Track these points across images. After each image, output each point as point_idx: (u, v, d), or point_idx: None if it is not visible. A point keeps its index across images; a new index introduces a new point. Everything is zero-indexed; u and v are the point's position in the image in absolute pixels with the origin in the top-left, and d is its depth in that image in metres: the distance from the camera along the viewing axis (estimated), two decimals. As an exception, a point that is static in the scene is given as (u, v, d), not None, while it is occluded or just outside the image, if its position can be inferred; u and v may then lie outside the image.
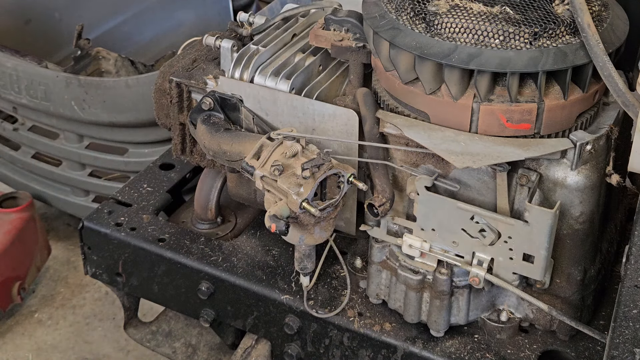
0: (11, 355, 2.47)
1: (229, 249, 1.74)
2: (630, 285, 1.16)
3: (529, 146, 1.34)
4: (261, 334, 1.70)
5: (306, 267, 1.54)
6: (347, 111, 1.48)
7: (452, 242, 1.43)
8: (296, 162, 1.41)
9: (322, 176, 1.38)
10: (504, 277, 1.43)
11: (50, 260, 2.73)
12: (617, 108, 1.44)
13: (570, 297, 1.48)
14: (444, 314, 1.49)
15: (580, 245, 1.44)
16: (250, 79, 1.57)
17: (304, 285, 1.57)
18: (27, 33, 3.04)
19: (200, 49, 1.72)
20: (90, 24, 2.88)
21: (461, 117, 1.36)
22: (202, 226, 1.81)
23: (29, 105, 2.55)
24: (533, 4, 1.38)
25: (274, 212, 1.38)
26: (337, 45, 1.54)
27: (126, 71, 2.78)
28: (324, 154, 1.40)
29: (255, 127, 1.57)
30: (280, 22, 1.71)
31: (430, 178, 1.39)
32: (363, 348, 1.56)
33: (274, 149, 1.44)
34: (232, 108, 1.58)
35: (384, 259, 1.54)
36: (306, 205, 1.36)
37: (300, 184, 1.37)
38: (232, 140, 1.53)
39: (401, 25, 1.38)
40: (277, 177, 1.39)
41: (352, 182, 1.41)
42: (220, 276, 1.68)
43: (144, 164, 2.06)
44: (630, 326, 1.18)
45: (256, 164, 1.44)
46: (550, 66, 1.29)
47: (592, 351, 1.51)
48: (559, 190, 1.39)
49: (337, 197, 1.41)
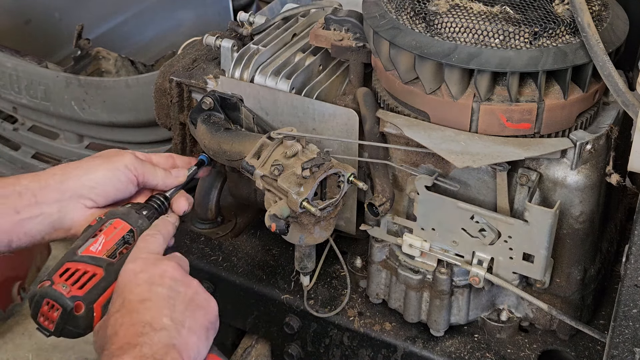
0: (11, 355, 2.47)
1: (229, 248, 1.74)
2: (630, 284, 1.16)
3: (529, 146, 1.34)
4: (261, 334, 1.70)
5: (306, 267, 1.54)
6: (347, 111, 1.48)
7: (452, 242, 1.44)
8: (296, 162, 1.41)
9: (322, 175, 1.38)
10: (504, 276, 1.43)
11: (50, 260, 2.73)
12: (617, 108, 1.44)
13: (570, 296, 1.48)
14: (444, 313, 1.49)
15: (580, 245, 1.44)
16: (251, 79, 1.57)
17: (304, 284, 1.57)
18: (27, 33, 3.04)
19: (200, 48, 1.72)
20: (90, 24, 2.88)
21: (461, 116, 1.36)
22: (202, 226, 1.81)
23: (29, 105, 2.55)
24: (533, 4, 1.38)
25: (274, 212, 1.38)
26: (337, 45, 1.55)
27: (126, 71, 2.78)
28: (324, 153, 1.40)
29: (256, 126, 1.57)
30: (280, 22, 1.71)
31: (431, 178, 1.40)
32: (363, 347, 1.56)
33: (274, 148, 1.44)
34: (232, 108, 1.58)
35: (384, 258, 1.54)
36: (306, 205, 1.36)
37: (300, 184, 1.37)
38: (232, 139, 1.53)
39: (401, 24, 1.38)
40: (277, 177, 1.39)
41: (352, 181, 1.40)
42: (220, 275, 1.68)
43: (144, 164, 2.06)
44: (630, 325, 1.18)
45: (256, 163, 1.44)
46: (551, 66, 1.29)
47: (592, 351, 1.51)
48: (559, 190, 1.39)
49: (337, 196, 1.40)
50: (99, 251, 1.28)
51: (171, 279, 1.22)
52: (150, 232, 1.32)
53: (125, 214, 1.34)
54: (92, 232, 1.31)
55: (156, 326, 1.14)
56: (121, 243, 1.31)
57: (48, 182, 1.33)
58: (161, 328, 1.15)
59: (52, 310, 1.23)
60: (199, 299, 1.23)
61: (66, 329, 1.24)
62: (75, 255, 1.28)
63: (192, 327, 1.19)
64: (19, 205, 1.30)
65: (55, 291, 1.23)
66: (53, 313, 1.23)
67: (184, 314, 1.19)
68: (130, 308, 1.17)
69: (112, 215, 1.34)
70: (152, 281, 1.20)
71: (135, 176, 1.39)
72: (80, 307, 1.23)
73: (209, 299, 1.26)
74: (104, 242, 1.30)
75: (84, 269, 1.26)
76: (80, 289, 1.24)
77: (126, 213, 1.35)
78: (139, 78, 2.38)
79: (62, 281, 1.24)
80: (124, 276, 1.22)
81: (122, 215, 1.34)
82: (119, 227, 1.32)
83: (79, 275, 1.26)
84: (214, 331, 1.25)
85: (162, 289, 1.20)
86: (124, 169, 1.38)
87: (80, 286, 1.24)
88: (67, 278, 1.25)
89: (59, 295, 1.23)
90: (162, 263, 1.24)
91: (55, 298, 1.23)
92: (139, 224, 1.34)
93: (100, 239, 1.30)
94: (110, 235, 1.31)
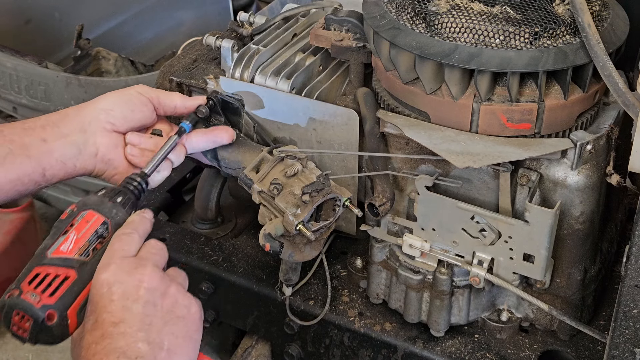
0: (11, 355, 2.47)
1: (229, 248, 1.74)
2: (631, 285, 1.16)
3: (529, 146, 1.34)
4: (261, 334, 1.70)
5: (290, 279, 1.57)
6: (347, 111, 1.48)
7: (452, 242, 1.44)
8: (295, 182, 1.42)
9: (320, 200, 1.40)
10: (504, 276, 1.43)
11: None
12: (617, 108, 1.44)
13: (571, 297, 1.48)
14: (444, 313, 1.49)
15: (581, 245, 1.44)
16: (251, 79, 1.57)
17: (286, 294, 1.59)
18: (27, 33, 3.05)
19: (200, 48, 1.72)
20: (90, 24, 2.88)
21: (461, 117, 1.36)
22: (202, 226, 1.81)
23: (29, 105, 2.55)
24: (533, 4, 1.38)
25: (269, 231, 1.39)
26: (338, 45, 1.55)
27: (126, 71, 2.78)
28: (324, 177, 1.41)
29: (255, 134, 1.58)
30: (280, 22, 1.71)
31: (431, 178, 1.40)
32: (363, 348, 1.56)
33: (274, 165, 1.46)
34: (233, 112, 1.58)
35: (384, 258, 1.54)
36: (302, 228, 1.38)
37: (297, 205, 1.39)
38: (232, 147, 1.53)
39: (401, 25, 1.38)
40: (275, 195, 1.41)
41: (348, 206, 1.45)
42: (220, 276, 1.68)
43: (144, 164, 2.06)
44: (631, 326, 1.18)
45: (255, 177, 1.46)
46: (551, 66, 1.29)
47: (592, 351, 1.51)
48: (559, 190, 1.39)
49: (331, 219, 1.43)
50: (70, 250, 1.20)
51: (147, 290, 1.15)
52: (125, 231, 1.23)
53: (98, 204, 1.26)
54: (63, 227, 1.23)
55: (131, 354, 1.09)
56: (94, 239, 1.22)
57: (67, 113, 1.39)
58: (137, 357, 1.09)
59: (23, 321, 1.15)
60: (178, 309, 1.17)
61: (40, 337, 1.16)
62: (45, 258, 1.19)
63: (172, 347, 1.13)
64: (44, 134, 1.34)
65: (24, 301, 1.15)
66: (25, 323, 1.15)
67: (162, 332, 1.13)
68: (104, 332, 1.10)
69: (83, 206, 1.25)
70: (126, 296, 1.13)
71: (149, 99, 1.43)
72: (52, 316, 1.16)
73: (190, 304, 1.19)
74: (75, 240, 1.21)
75: (55, 273, 1.18)
76: (51, 296, 1.16)
77: (99, 203, 1.26)
78: (139, 78, 2.38)
79: (31, 289, 1.16)
80: (98, 288, 1.15)
81: (94, 205, 1.25)
82: (92, 219, 1.24)
83: (50, 281, 1.17)
84: (199, 334, 1.19)
85: (137, 305, 1.13)
86: (135, 94, 1.43)
87: (51, 293, 1.16)
88: (37, 285, 1.16)
89: (29, 305, 1.15)
90: (137, 271, 1.16)
91: (25, 309, 1.15)
92: (113, 214, 1.25)
93: (71, 236, 1.21)
94: (82, 231, 1.22)
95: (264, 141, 1.58)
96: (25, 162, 1.31)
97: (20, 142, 1.32)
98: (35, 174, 1.32)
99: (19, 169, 1.31)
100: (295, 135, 1.56)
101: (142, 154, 1.41)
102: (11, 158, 1.30)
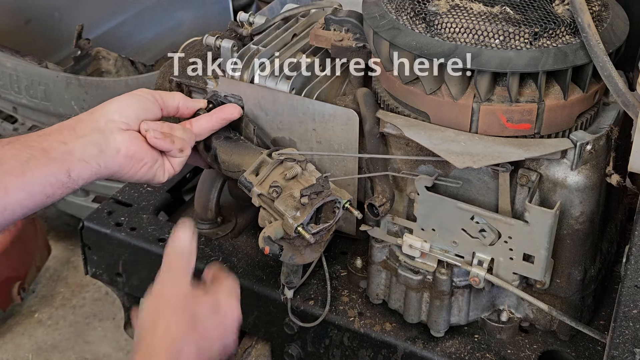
0: (11, 356, 2.47)
1: (229, 249, 1.74)
2: (631, 285, 1.16)
3: (529, 146, 1.34)
4: (261, 334, 1.70)
5: (292, 282, 1.57)
6: (347, 111, 1.48)
7: (452, 242, 1.44)
8: (295, 184, 1.43)
9: (320, 202, 1.40)
10: (504, 277, 1.43)
11: (50, 260, 2.73)
12: (617, 108, 1.44)
13: (571, 297, 1.48)
14: (444, 314, 1.49)
15: (581, 245, 1.44)
16: (251, 79, 1.57)
17: (288, 296, 1.58)
18: (27, 33, 3.05)
19: (200, 49, 1.72)
20: (90, 24, 2.88)
21: (461, 117, 1.36)
22: (202, 226, 1.81)
23: (29, 105, 2.55)
24: (533, 4, 1.38)
25: (268, 234, 1.39)
26: (337, 45, 1.54)
27: (126, 71, 2.78)
28: (323, 180, 1.41)
29: (255, 137, 1.58)
30: (280, 22, 1.71)
31: (431, 178, 1.40)
32: (363, 348, 1.56)
33: (274, 167, 1.46)
34: None
35: (384, 259, 1.54)
36: (301, 230, 1.38)
37: (297, 208, 1.39)
38: (232, 150, 1.53)
39: (401, 25, 1.38)
40: (274, 198, 1.41)
41: (348, 208, 1.45)
42: (220, 276, 1.67)
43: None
44: (631, 326, 1.18)
45: (254, 180, 1.46)
46: (551, 66, 1.29)
47: (592, 351, 1.51)
48: (559, 190, 1.39)
49: (331, 221, 1.42)
50: None
51: None
52: None
53: None
54: None
55: None
56: None
57: (81, 118, 1.40)
58: None
59: None
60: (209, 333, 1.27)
61: None
62: None
63: None
64: (61, 137, 1.35)
65: None
66: None
67: None
68: None
69: None
70: None
71: (156, 99, 1.46)
72: None
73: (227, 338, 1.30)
74: None
75: None
76: None
77: None
78: (139, 78, 2.38)
79: None
80: None
81: None
82: None
83: None
84: None
85: None
86: (143, 92, 1.46)
87: None
88: None
89: None
90: None
91: None
92: None
93: None
94: None
95: (264, 144, 1.58)
96: (50, 163, 1.31)
97: (39, 147, 1.31)
98: (60, 174, 1.32)
99: (45, 169, 1.30)
100: (295, 136, 1.56)
101: (165, 137, 1.44)
102: (34, 161, 1.29)
